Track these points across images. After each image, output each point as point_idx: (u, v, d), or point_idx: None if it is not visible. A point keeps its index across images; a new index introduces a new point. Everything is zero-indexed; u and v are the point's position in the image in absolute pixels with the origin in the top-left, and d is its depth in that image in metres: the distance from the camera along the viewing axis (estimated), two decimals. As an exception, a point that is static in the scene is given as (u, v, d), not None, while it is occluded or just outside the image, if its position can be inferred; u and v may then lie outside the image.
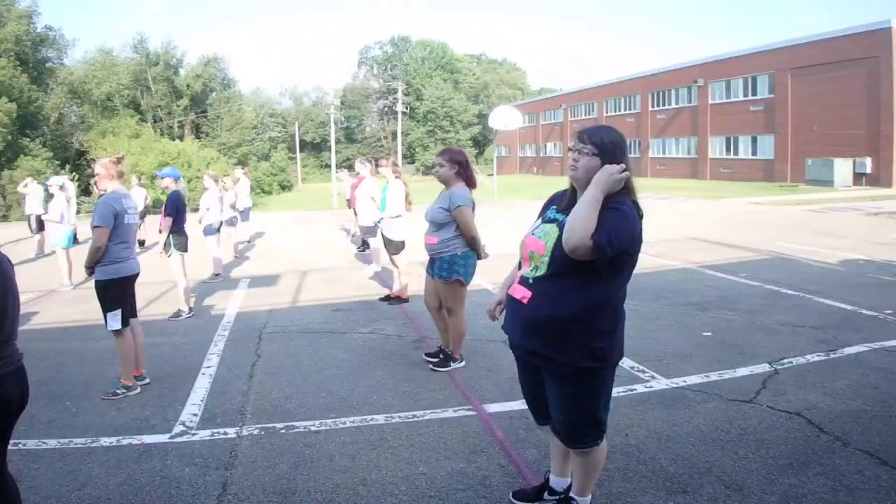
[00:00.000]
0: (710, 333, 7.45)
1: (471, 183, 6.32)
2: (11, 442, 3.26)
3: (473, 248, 6.27)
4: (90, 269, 6.02)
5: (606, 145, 3.16)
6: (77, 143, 57.00)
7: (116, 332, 5.96)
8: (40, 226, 16.05)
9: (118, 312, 5.92)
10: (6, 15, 54.93)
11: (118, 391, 5.89)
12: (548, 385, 3.36)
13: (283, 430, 5.05)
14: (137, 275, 6.29)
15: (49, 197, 13.88)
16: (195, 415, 5.45)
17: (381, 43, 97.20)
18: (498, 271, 9.47)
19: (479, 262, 6.44)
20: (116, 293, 5.96)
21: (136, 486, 4.25)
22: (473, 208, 6.23)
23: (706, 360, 6.46)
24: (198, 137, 66.50)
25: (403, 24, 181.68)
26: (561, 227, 3.14)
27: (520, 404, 5.21)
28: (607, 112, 56.48)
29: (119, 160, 6.23)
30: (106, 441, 4.99)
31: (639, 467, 4.29)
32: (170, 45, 71.21)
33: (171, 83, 69.49)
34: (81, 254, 12.35)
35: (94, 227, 5.90)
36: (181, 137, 63.64)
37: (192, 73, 71.78)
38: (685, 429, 4.86)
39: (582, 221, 2.96)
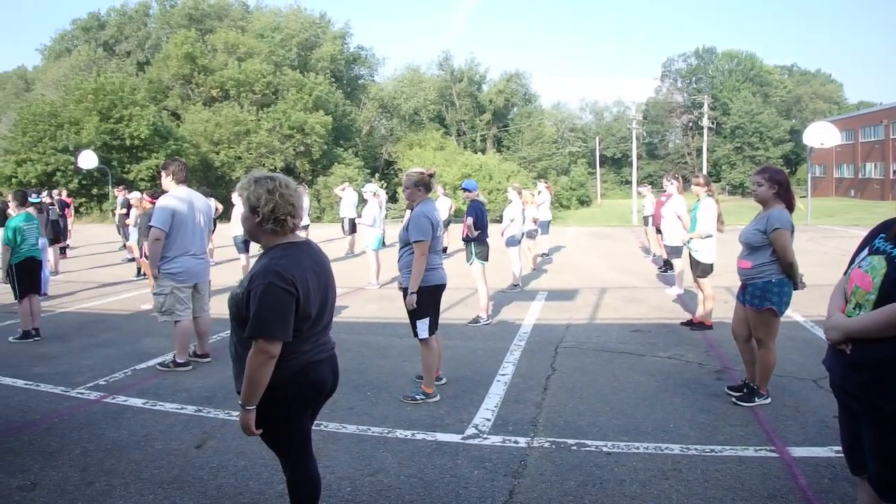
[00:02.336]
0: None
1: (790, 205, 5.92)
2: (314, 422, 3.62)
3: (790, 275, 5.82)
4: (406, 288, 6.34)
5: None
6: (385, 154, 62.52)
7: (423, 341, 6.28)
8: (352, 228, 17.85)
9: (426, 321, 6.23)
10: (322, 36, 62.70)
11: (417, 397, 6.23)
12: (865, 431, 3.04)
13: (574, 447, 5.07)
14: (445, 285, 6.54)
15: (362, 202, 15.28)
16: (488, 419, 5.68)
17: (685, 55, 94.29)
18: (813, 303, 8.89)
19: (793, 293, 5.98)
20: (425, 301, 6.24)
21: (426, 480, 4.52)
22: (792, 232, 5.81)
23: None
24: (499, 151, 69.61)
25: (708, 35, 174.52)
26: (889, 259, 2.86)
27: (827, 451, 4.83)
28: (934, 128, 49.72)
29: (431, 175, 6.61)
30: (401, 433, 5.37)
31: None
32: (473, 61, 75.70)
33: (474, 98, 73.62)
34: (388, 256, 13.49)
35: (414, 241, 6.19)
36: (483, 151, 66.96)
37: (494, 88, 75.56)
38: None
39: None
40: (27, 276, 9.38)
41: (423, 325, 6.20)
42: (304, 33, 61.69)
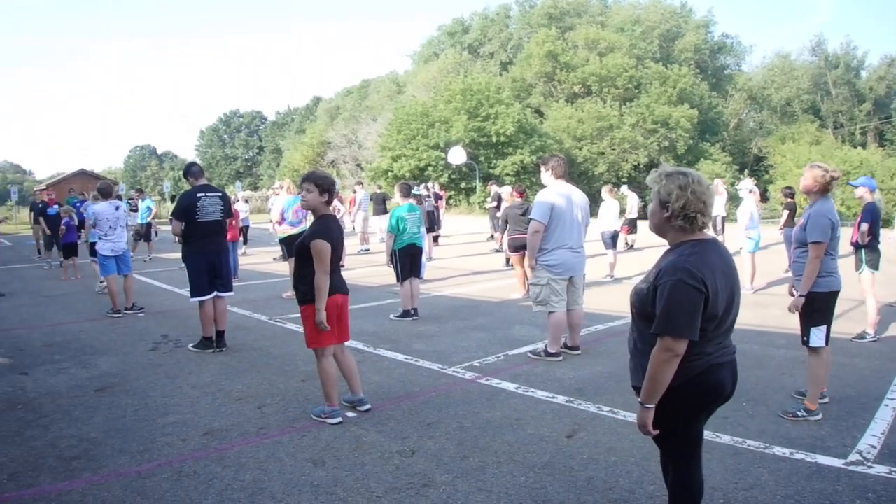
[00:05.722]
0: None
1: None
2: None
3: None
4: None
5: None
6: (755, 149, 59.48)
7: (814, 350, 5.98)
8: (723, 227, 17.61)
9: (823, 328, 5.94)
10: (684, 26, 61.52)
11: (799, 413, 5.94)
12: None
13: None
14: (839, 291, 6.16)
15: (733, 201, 14.86)
16: (873, 447, 5.28)
17: None
18: None
19: None
20: (822, 307, 5.97)
21: (803, 504, 4.34)
22: None
23: None
24: (881, 145, 62.74)
25: None
26: None
27: None
28: None
29: (829, 174, 6.23)
30: (778, 450, 5.19)
31: None
32: (849, 45, 68.52)
33: (852, 86, 66.84)
34: (763, 259, 12.95)
35: (812, 241, 5.94)
36: (864, 145, 60.94)
37: (874, 74, 67.59)
38: None
39: None
40: (408, 261, 10.51)
41: (819, 333, 5.92)
42: (665, 24, 60.96)
